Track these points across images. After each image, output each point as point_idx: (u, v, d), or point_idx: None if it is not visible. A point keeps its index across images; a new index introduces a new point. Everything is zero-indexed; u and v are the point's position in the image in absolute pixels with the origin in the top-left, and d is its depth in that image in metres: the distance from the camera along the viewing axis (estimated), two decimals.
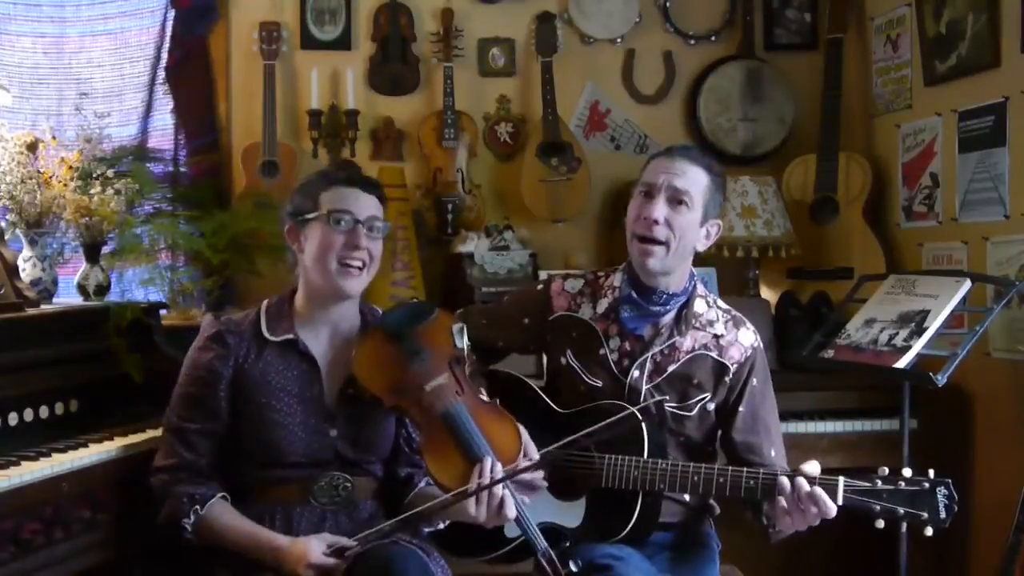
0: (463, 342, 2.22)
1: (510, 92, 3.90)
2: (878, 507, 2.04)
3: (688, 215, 2.22)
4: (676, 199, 2.22)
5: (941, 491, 2.03)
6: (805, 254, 3.71)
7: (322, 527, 2.14)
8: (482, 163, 3.88)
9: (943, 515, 2.02)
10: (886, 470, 2.07)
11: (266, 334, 2.23)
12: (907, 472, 2.06)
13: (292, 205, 2.26)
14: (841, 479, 2.06)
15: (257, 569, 2.08)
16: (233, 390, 2.20)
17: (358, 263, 2.18)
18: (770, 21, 4.00)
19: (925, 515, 2.02)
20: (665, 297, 2.28)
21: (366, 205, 2.21)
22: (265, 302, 2.30)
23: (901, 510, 2.03)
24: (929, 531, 2.04)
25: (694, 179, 2.23)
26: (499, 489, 2.03)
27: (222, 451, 2.21)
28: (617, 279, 2.35)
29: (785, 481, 2.08)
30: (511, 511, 2.05)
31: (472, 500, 2.02)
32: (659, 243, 2.21)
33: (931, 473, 2.06)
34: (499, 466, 2.05)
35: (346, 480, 2.18)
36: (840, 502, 2.05)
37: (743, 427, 2.30)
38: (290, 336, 2.22)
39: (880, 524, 2.06)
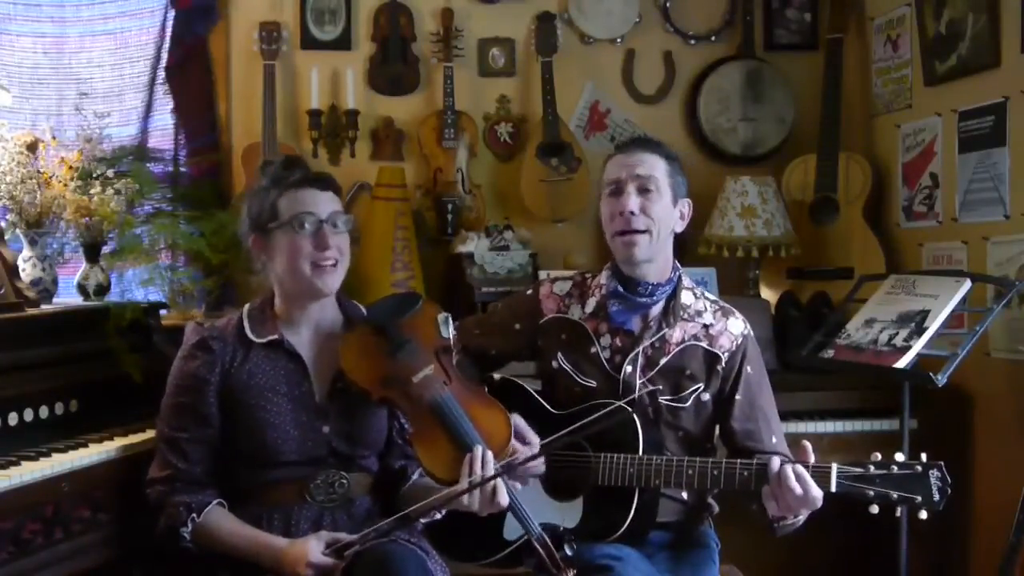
0: (449, 331, 2.23)
1: (510, 92, 3.90)
2: (872, 492, 2.04)
3: (660, 200, 2.28)
4: (644, 187, 2.27)
5: (934, 474, 2.03)
6: (805, 254, 3.71)
7: (320, 526, 2.14)
8: (482, 163, 3.88)
9: (937, 497, 2.03)
10: (879, 455, 2.08)
11: (250, 336, 2.23)
12: (899, 457, 2.07)
13: (250, 217, 2.25)
14: (834, 465, 2.07)
15: (258, 571, 2.08)
16: (222, 395, 2.20)
17: (330, 261, 2.19)
18: (770, 21, 4.00)
19: (919, 498, 2.03)
20: (651, 288, 2.31)
21: (325, 203, 2.21)
22: (247, 305, 2.31)
23: (895, 494, 2.03)
24: (924, 514, 2.05)
25: (654, 164, 2.30)
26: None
27: (217, 456, 2.21)
28: (604, 277, 2.39)
29: (775, 465, 2.09)
30: (504, 499, 2.05)
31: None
32: (641, 232, 2.26)
33: (923, 457, 2.07)
34: (490, 454, 2.05)
35: (342, 477, 2.19)
36: (833, 488, 2.06)
37: (741, 415, 2.32)
38: (275, 336, 2.23)
39: (875, 509, 2.06)
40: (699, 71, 3.96)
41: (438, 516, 2.19)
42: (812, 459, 2.10)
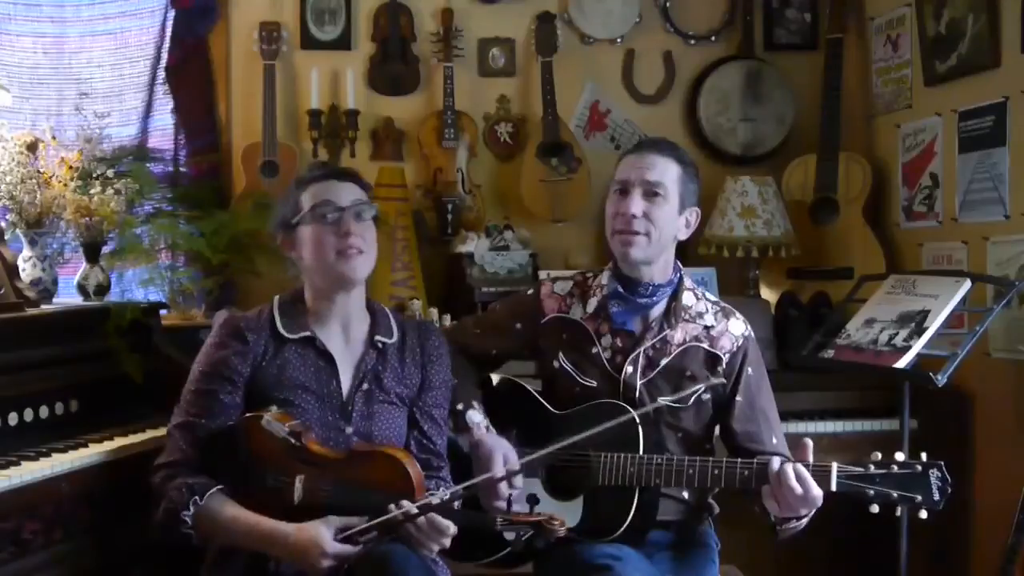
0: (280, 429, 2.09)
1: (510, 92, 3.90)
2: (872, 491, 2.04)
3: (665, 206, 2.26)
4: (651, 192, 2.26)
5: (934, 473, 2.03)
6: (805, 254, 3.71)
7: None
8: (482, 163, 3.88)
9: (937, 497, 2.02)
10: (879, 455, 2.07)
11: (283, 331, 2.21)
12: (900, 456, 2.06)
13: (278, 216, 2.26)
14: (834, 465, 2.07)
15: (261, 567, 2.07)
16: (251, 389, 2.17)
17: (354, 249, 2.17)
18: (770, 21, 4.00)
19: (919, 498, 2.02)
20: (651, 288, 2.31)
21: (346, 192, 2.21)
22: (277, 299, 2.28)
23: (895, 494, 2.03)
24: (924, 514, 2.05)
25: (665, 171, 2.27)
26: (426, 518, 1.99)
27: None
28: (604, 277, 2.38)
29: (775, 464, 2.09)
30: (446, 541, 2.02)
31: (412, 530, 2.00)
32: (639, 234, 2.25)
33: (923, 456, 2.07)
34: (407, 504, 2.00)
35: None
36: (834, 488, 2.06)
37: (742, 416, 2.32)
38: (307, 333, 2.21)
39: (875, 509, 2.06)
40: (699, 71, 3.96)
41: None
42: (811, 459, 2.10)
